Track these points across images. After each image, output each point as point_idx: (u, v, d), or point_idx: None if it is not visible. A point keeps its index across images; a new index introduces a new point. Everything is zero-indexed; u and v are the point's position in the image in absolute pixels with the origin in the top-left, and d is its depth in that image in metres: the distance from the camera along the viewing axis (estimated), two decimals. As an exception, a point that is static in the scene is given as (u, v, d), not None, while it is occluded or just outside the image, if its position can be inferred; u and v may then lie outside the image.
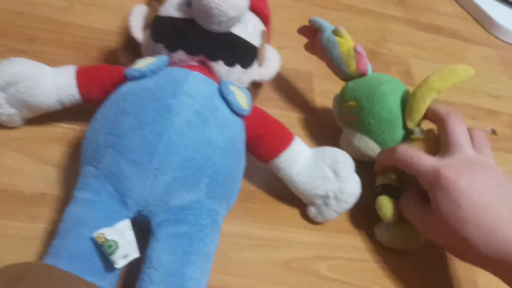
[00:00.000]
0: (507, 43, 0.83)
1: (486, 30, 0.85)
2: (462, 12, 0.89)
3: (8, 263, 0.37)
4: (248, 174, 0.44)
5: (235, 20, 0.41)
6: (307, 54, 0.65)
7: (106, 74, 0.42)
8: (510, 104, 0.71)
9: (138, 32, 0.45)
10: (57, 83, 0.42)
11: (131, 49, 0.46)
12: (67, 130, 0.47)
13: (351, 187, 0.43)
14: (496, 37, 0.84)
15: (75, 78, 0.42)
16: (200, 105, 0.39)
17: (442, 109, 0.45)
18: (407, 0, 0.85)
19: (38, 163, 0.44)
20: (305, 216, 0.47)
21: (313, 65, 0.64)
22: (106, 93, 0.41)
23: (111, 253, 0.33)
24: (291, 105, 0.58)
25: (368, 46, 0.71)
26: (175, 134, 0.36)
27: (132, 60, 0.43)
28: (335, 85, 0.62)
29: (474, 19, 0.87)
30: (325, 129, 0.57)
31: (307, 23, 0.55)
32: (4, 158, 0.43)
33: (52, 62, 0.47)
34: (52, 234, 0.40)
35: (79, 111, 0.45)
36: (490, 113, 0.68)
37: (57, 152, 0.45)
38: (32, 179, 0.43)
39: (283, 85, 0.60)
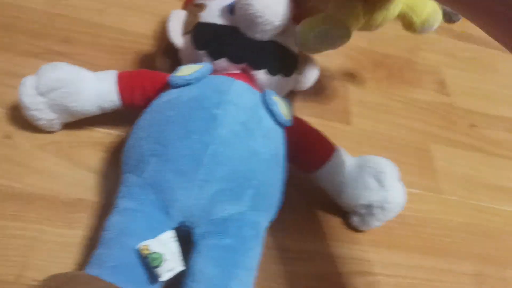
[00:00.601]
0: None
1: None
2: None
3: (45, 269, 0.37)
4: (288, 185, 0.44)
5: (279, 28, 0.41)
6: (343, 62, 0.64)
7: (148, 80, 0.42)
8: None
9: (178, 37, 0.44)
10: (98, 89, 0.41)
11: (168, 53, 0.46)
12: (104, 135, 0.46)
13: (396, 196, 0.42)
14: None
15: (116, 84, 0.41)
16: (245, 115, 0.38)
17: None
18: (439, 7, 0.84)
19: (75, 168, 0.43)
20: (345, 228, 0.46)
21: (348, 73, 0.63)
22: (148, 99, 0.41)
23: (156, 266, 0.32)
24: (326, 113, 0.57)
25: (403, 54, 0.69)
26: (221, 145, 0.36)
27: (169, 64, 0.43)
28: (372, 94, 0.61)
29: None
30: (360, 138, 0.56)
31: None
32: (43, 162, 0.43)
33: (89, 64, 0.47)
34: (89, 241, 0.39)
35: (116, 116, 0.45)
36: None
37: (94, 157, 0.45)
38: (70, 184, 0.42)
39: (318, 93, 0.59)
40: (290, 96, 0.55)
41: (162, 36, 0.45)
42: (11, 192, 0.41)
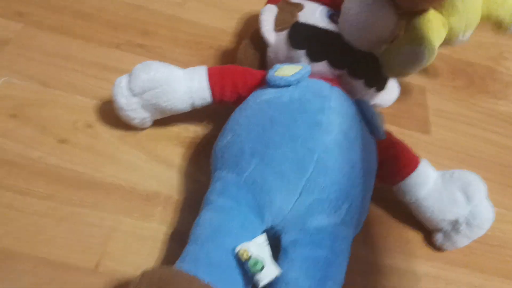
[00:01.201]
0: None
1: None
2: None
3: (122, 259, 0.37)
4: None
5: (382, 42, 0.39)
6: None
7: (240, 77, 0.41)
8: None
9: (270, 32, 0.43)
10: (190, 87, 0.41)
11: (251, 47, 0.45)
12: (181, 129, 0.46)
13: (484, 211, 0.40)
14: None
15: (207, 81, 0.41)
16: (346, 124, 0.36)
17: None
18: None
19: (153, 161, 0.44)
20: (424, 246, 0.44)
21: (425, 79, 0.60)
22: (239, 96, 0.40)
23: (257, 271, 0.30)
24: (404, 121, 0.54)
25: (484, 63, 0.66)
26: (326, 153, 0.34)
27: (251, 59, 0.42)
28: (451, 104, 0.58)
29: None
30: (439, 149, 0.53)
31: None
32: (122, 154, 0.43)
33: (166, 58, 0.48)
34: (165, 236, 0.39)
35: (192, 111, 0.44)
36: None
37: (171, 151, 0.45)
38: (147, 177, 0.42)
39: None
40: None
41: (240, 32, 0.44)
42: (92, 181, 0.41)
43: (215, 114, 0.47)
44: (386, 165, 0.40)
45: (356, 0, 0.38)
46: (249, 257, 0.30)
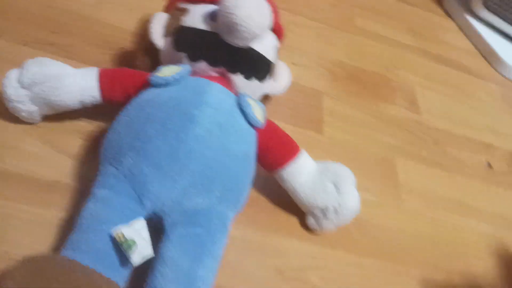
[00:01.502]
0: (510, 80, 0.86)
1: (491, 66, 0.88)
2: (470, 46, 0.91)
3: (20, 245, 0.40)
4: (254, 182, 0.46)
5: (258, 37, 0.44)
6: (320, 72, 0.68)
7: (129, 78, 0.45)
8: (509, 141, 0.73)
9: (159, 38, 0.47)
10: (80, 84, 0.44)
11: (148, 53, 0.48)
12: (86, 123, 0.49)
13: (350, 202, 0.46)
14: (500, 74, 0.87)
15: (98, 81, 0.44)
16: (221, 116, 0.41)
17: None
18: (418, 30, 0.88)
19: (55, 152, 0.46)
20: (303, 225, 0.49)
21: (325, 84, 0.66)
22: (128, 96, 0.44)
23: (130, 251, 0.35)
24: (300, 120, 0.60)
25: (377, 70, 0.73)
26: (196, 143, 0.39)
27: (148, 64, 0.45)
28: (344, 106, 0.65)
29: (481, 54, 0.90)
30: (330, 147, 0.59)
31: (322, 42, 0.57)
32: (24, 144, 0.45)
33: (76, 56, 0.50)
34: (63, 221, 0.42)
35: (98, 107, 0.47)
36: (488, 148, 0.70)
37: (74, 144, 0.47)
38: (49, 167, 0.45)
39: (293, 100, 0.62)
40: (268, 102, 0.58)
41: (145, 35, 0.48)
42: (-8, 170, 0.43)
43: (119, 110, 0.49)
44: (269, 153, 0.45)
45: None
46: (124, 239, 0.34)
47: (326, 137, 0.60)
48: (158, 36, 0.47)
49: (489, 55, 0.88)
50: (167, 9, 0.50)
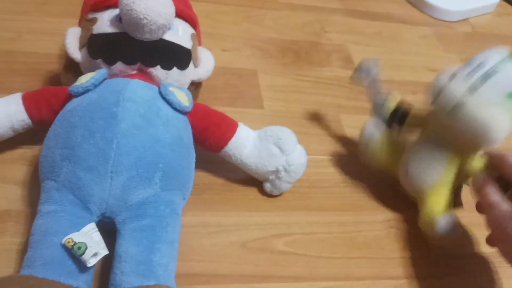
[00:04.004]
0: (440, 20, 0.89)
1: (420, 11, 0.90)
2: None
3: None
4: (201, 168, 0.48)
5: (165, 27, 0.45)
6: (251, 52, 0.69)
7: (52, 96, 0.46)
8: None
9: (75, 52, 0.48)
10: (6, 111, 0.44)
11: (73, 69, 0.50)
12: (26, 149, 0.50)
13: (297, 158, 0.48)
14: (430, 16, 0.89)
15: (22, 104, 0.45)
16: (143, 108, 0.42)
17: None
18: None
19: (1, 184, 0.47)
20: (259, 199, 0.51)
21: (258, 62, 0.68)
22: (56, 113, 0.45)
23: (81, 254, 0.36)
24: (239, 101, 0.62)
25: (309, 39, 0.75)
26: (124, 137, 0.40)
27: (72, 79, 0.46)
28: (281, 78, 0.66)
29: (408, 1, 0.92)
30: (273, 118, 0.61)
31: (249, 24, 0.58)
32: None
33: (5, 88, 0.50)
34: (19, 246, 0.43)
35: (35, 132, 0.48)
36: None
37: (18, 171, 0.48)
38: (-4, 199, 0.46)
39: (230, 84, 0.64)
40: (206, 91, 0.59)
41: (66, 54, 0.49)
42: None
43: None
44: (208, 135, 0.47)
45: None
46: (74, 244, 0.36)
47: (268, 110, 0.62)
48: (74, 50, 0.48)
49: (415, 1, 0.91)
50: (79, 23, 0.51)
